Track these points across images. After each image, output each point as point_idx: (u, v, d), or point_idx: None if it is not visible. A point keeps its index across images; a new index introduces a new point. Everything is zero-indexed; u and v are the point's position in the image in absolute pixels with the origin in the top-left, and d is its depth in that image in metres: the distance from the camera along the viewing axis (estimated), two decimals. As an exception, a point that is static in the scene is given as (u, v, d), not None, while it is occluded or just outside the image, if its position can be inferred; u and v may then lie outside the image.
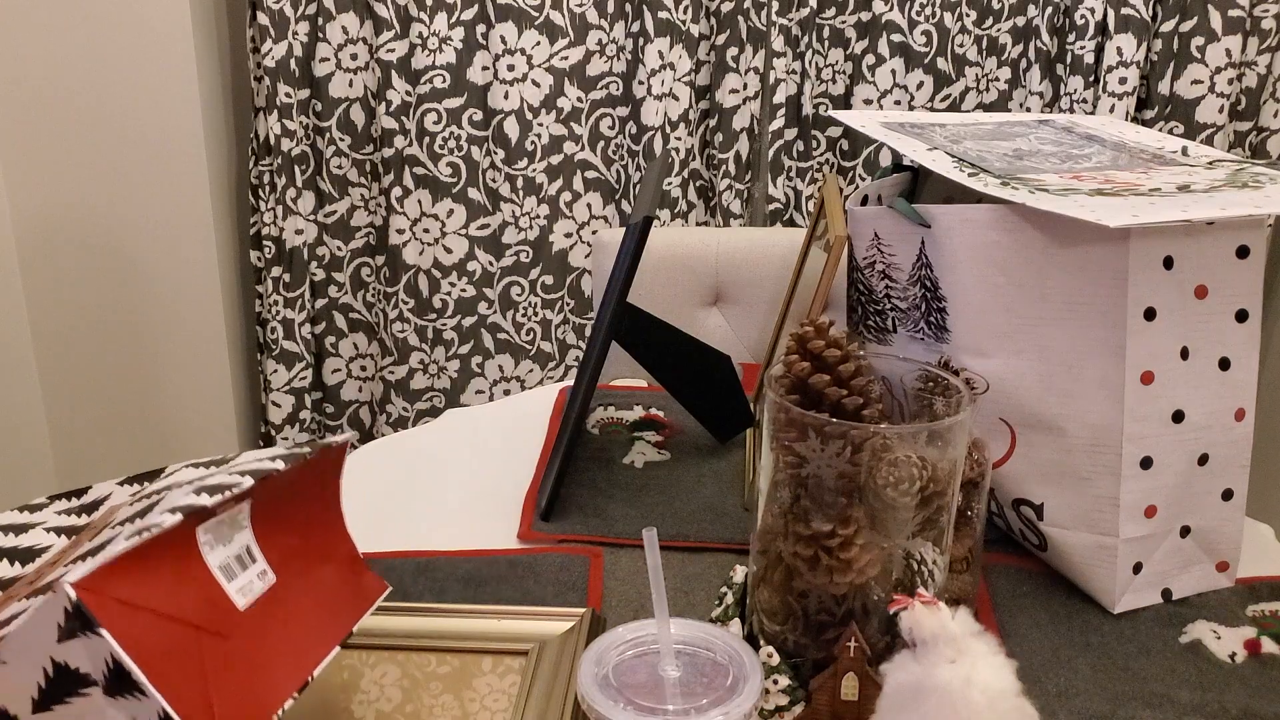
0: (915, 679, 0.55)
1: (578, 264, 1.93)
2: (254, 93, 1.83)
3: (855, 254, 0.93)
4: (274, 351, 1.93)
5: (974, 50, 1.79)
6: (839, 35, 1.80)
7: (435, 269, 1.91)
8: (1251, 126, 1.76)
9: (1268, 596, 0.82)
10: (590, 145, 1.87)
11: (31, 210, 1.87)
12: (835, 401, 0.64)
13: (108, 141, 1.82)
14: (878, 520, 0.63)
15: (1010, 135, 0.97)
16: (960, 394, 0.66)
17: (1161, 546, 0.80)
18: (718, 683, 0.56)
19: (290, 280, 1.90)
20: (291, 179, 1.85)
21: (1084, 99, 1.72)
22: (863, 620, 0.64)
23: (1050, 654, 0.75)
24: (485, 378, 1.99)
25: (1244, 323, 0.78)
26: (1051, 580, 0.84)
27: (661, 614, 0.58)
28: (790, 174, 1.86)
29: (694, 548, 0.88)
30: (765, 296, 1.41)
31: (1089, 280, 0.75)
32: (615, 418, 1.12)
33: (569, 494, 0.96)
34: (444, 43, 1.78)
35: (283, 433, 1.98)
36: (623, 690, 0.54)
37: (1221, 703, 0.70)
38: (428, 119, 1.82)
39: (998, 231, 0.78)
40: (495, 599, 0.81)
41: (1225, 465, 0.80)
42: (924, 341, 0.88)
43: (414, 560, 0.85)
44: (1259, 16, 1.69)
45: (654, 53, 1.75)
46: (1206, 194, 0.76)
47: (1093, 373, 0.76)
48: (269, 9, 1.75)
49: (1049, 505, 0.81)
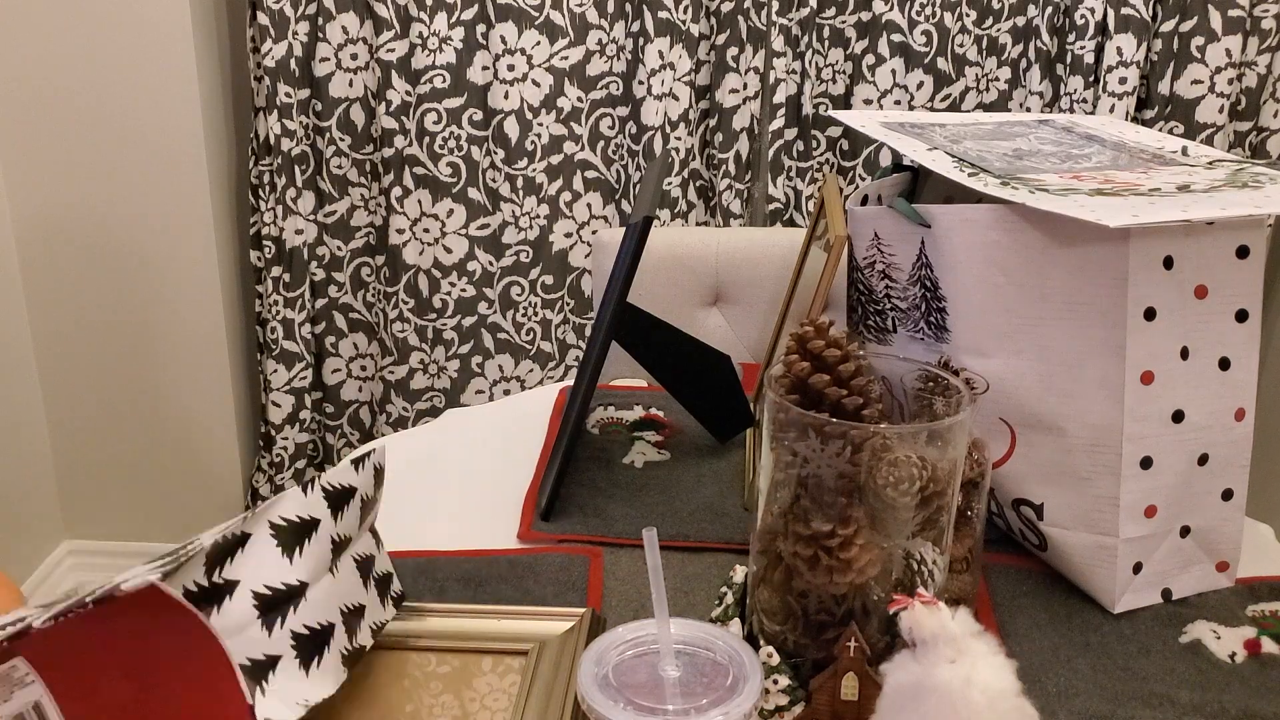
0: (915, 679, 0.55)
1: (578, 264, 1.93)
2: (254, 93, 1.83)
3: (855, 254, 0.93)
4: (274, 351, 1.93)
5: (974, 50, 1.79)
6: (839, 35, 1.80)
7: (435, 269, 1.91)
8: (1251, 126, 1.76)
9: (1268, 596, 0.82)
10: (590, 145, 1.87)
11: (31, 210, 1.87)
12: (835, 401, 0.64)
13: (108, 141, 1.82)
14: (878, 520, 0.63)
15: (1010, 135, 0.97)
16: (960, 394, 0.66)
17: (1161, 546, 0.80)
18: (717, 682, 0.56)
19: (290, 280, 1.90)
20: (291, 179, 1.85)
21: (1084, 99, 1.72)
22: (863, 620, 0.64)
23: (1050, 654, 0.75)
24: (485, 378, 1.99)
25: (1244, 323, 0.78)
26: (1051, 580, 0.84)
27: (661, 614, 0.58)
28: (790, 174, 1.86)
29: (694, 548, 0.88)
30: (765, 296, 1.41)
31: (1089, 280, 0.75)
32: (615, 418, 1.12)
33: (569, 494, 0.96)
34: (444, 43, 1.78)
35: (283, 433, 1.98)
36: (622, 690, 0.54)
37: (1221, 703, 0.70)
38: (428, 119, 1.82)
39: (998, 231, 0.78)
40: (495, 599, 0.81)
41: (1225, 465, 0.80)
42: (924, 341, 0.88)
43: (414, 560, 0.85)
44: (1259, 16, 1.69)
45: (654, 53, 1.75)
46: (1206, 194, 0.76)
47: (1093, 373, 0.76)
48: (269, 9, 1.75)
49: (1049, 505, 0.81)
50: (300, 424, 1.99)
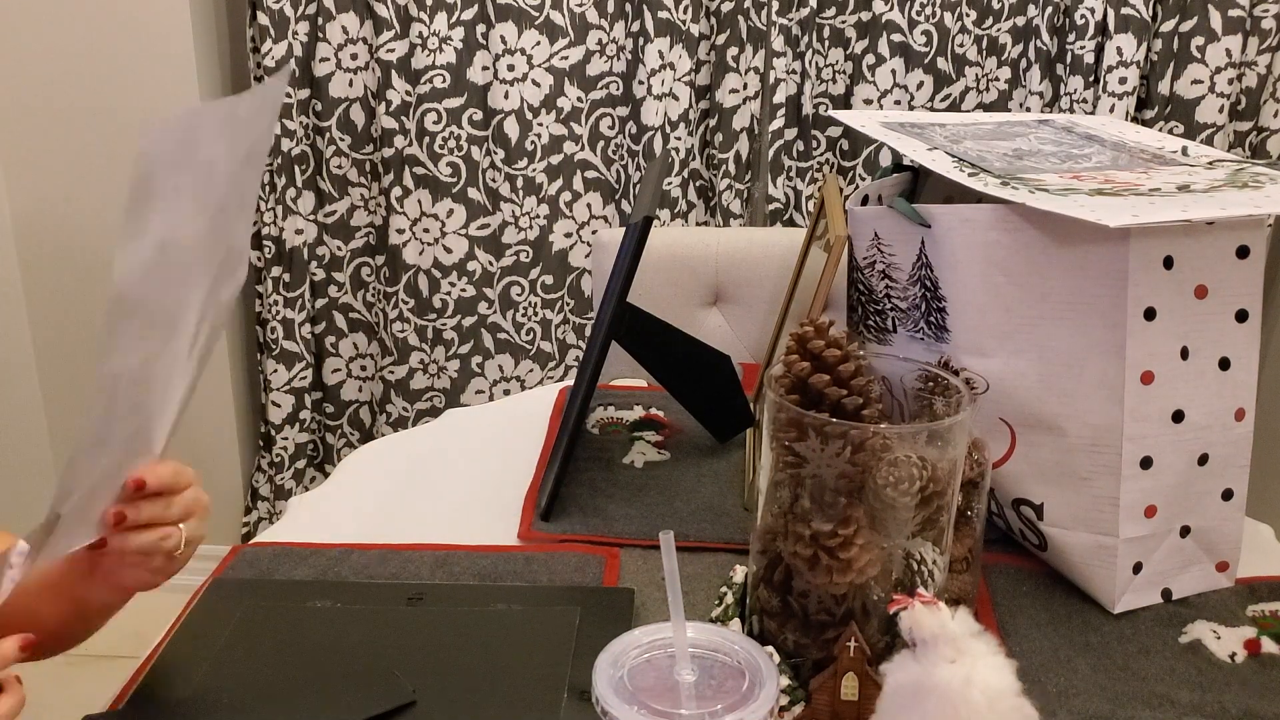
0: (915, 679, 0.54)
1: (578, 264, 1.93)
2: (254, 93, 1.83)
3: (855, 254, 0.93)
4: (274, 351, 1.93)
5: (974, 50, 1.79)
6: (839, 35, 1.80)
7: (435, 269, 1.91)
8: (1251, 126, 1.76)
9: (1268, 596, 0.82)
10: (590, 145, 1.87)
11: (32, 210, 1.87)
12: (835, 401, 0.64)
13: (108, 141, 1.82)
14: (878, 520, 0.63)
15: (1010, 135, 0.97)
16: (960, 394, 0.66)
17: (1161, 546, 0.80)
18: (729, 685, 0.55)
19: (290, 280, 1.90)
20: (291, 179, 1.85)
21: (1084, 99, 1.71)
22: (863, 620, 0.64)
23: (1050, 654, 0.75)
24: (485, 378, 1.99)
25: (1244, 323, 0.78)
26: (1051, 580, 0.84)
27: (678, 617, 0.57)
28: (790, 174, 1.86)
29: (694, 548, 0.88)
30: (765, 296, 1.41)
31: (1089, 280, 0.75)
32: (615, 418, 1.12)
33: (569, 494, 0.96)
34: (444, 43, 1.78)
35: (283, 432, 1.98)
36: (638, 694, 0.54)
37: (1221, 703, 0.70)
38: (428, 119, 1.82)
39: (998, 231, 0.78)
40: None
41: (1225, 465, 0.80)
42: (924, 341, 0.88)
43: (432, 554, 0.87)
44: (1259, 16, 1.69)
45: (654, 52, 1.75)
46: (1206, 194, 0.76)
47: (1093, 373, 0.76)
48: (269, 9, 1.75)
49: (1049, 505, 0.81)
50: (300, 424, 1.99)
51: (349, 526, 0.92)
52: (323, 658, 0.72)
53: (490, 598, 0.80)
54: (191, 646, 0.74)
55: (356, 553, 0.87)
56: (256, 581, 0.82)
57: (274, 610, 0.78)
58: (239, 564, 0.85)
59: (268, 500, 2.03)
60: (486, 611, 0.77)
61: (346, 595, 0.80)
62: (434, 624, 0.76)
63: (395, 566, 0.85)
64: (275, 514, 2.03)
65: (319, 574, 0.83)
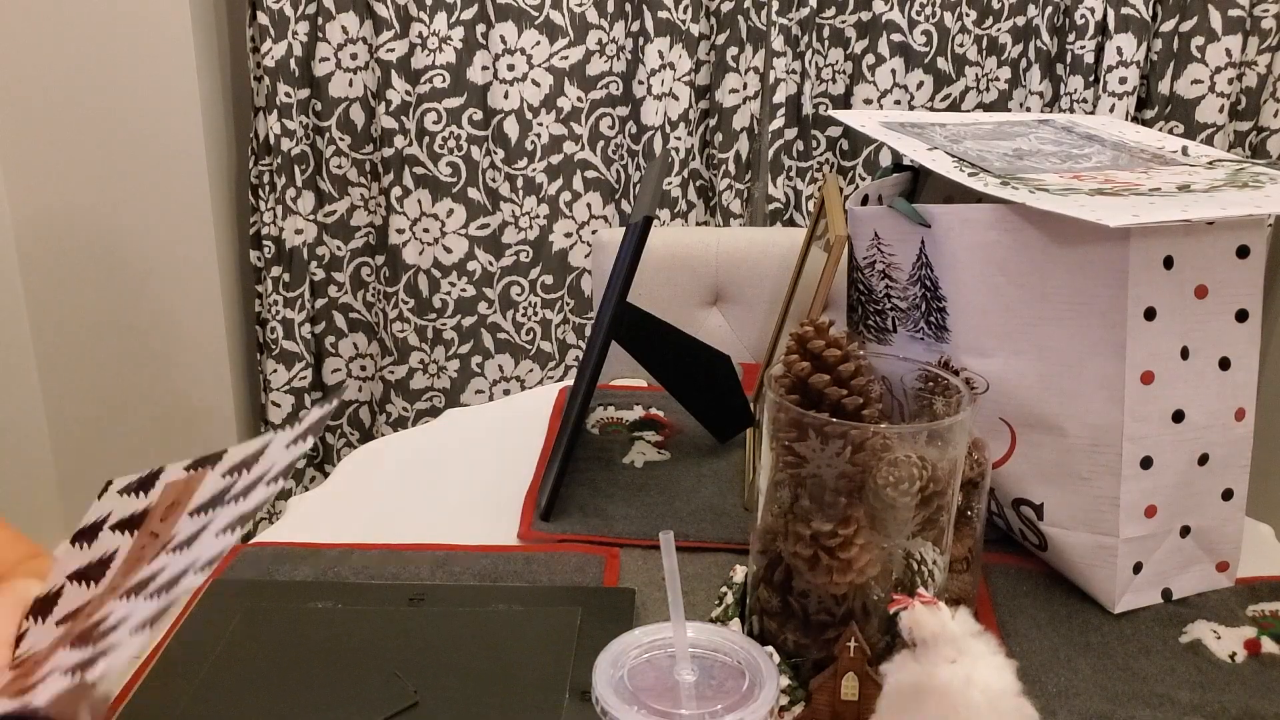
0: (915, 679, 0.54)
1: (578, 264, 1.93)
2: (254, 92, 1.83)
3: (855, 254, 0.93)
4: (274, 351, 1.93)
5: (974, 50, 1.79)
6: (839, 35, 1.80)
7: (435, 269, 1.91)
8: (1251, 126, 1.76)
9: (1268, 596, 0.82)
10: (590, 145, 1.87)
11: (31, 211, 1.87)
12: (835, 401, 0.64)
13: (108, 141, 1.82)
14: (878, 520, 0.63)
15: (1010, 135, 0.97)
16: (960, 394, 0.66)
17: (1161, 546, 0.80)
18: (729, 685, 0.55)
19: (290, 280, 1.90)
20: (291, 179, 1.85)
21: (1084, 99, 1.72)
22: (863, 620, 0.64)
23: (1050, 654, 0.75)
24: (485, 378, 1.99)
25: (1244, 323, 0.78)
26: (1051, 580, 0.84)
27: (678, 617, 0.57)
28: (790, 174, 1.86)
29: (694, 548, 0.88)
30: (765, 296, 1.41)
31: (1089, 280, 0.75)
32: (615, 418, 1.12)
33: (569, 494, 0.96)
34: (444, 42, 1.78)
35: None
36: (637, 694, 0.54)
37: (1221, 703, 0.70)
38: (428, 119, 1.82)
39: (998, 231, 0.78)
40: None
41: (1225, 465, 0.80)
42: (924, 341, 0.88)
43: (430, 554, 0.86)
44: (1259, 16, 1.69)
45: (654, 52, 1.75)
46: (1206, 194, 0.76)
47: (1093, 373, 0.76)
48: (269, 9, 1.75)
49: (1049, 505, 0.81)
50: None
51: (349, 526, 0.92)
52: (323, 658, 0.72)
53: (491, 598, 0.79)
54: (191, 647, 0.74)
55: (357, 553, 0.87)
56: (257, 582, 0.82)
57: (274, 611, 0.78)
58: (239, 564, 0.85)
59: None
60: (487, 612, 0.77)
61: (347, 596, 0.80)
62: (435, 624, 0.76)
63: (395, 567, 0.85)
64: (275, 514, 2.03)
65: (319, 574, 0.83)
